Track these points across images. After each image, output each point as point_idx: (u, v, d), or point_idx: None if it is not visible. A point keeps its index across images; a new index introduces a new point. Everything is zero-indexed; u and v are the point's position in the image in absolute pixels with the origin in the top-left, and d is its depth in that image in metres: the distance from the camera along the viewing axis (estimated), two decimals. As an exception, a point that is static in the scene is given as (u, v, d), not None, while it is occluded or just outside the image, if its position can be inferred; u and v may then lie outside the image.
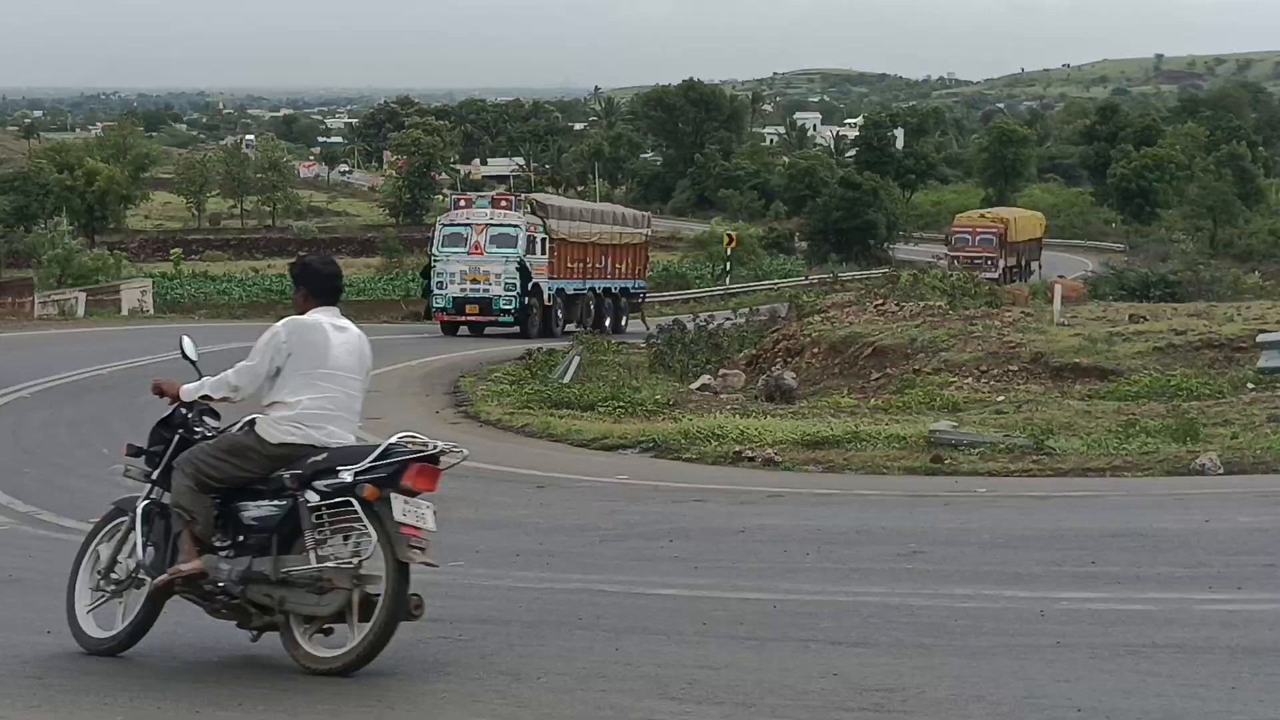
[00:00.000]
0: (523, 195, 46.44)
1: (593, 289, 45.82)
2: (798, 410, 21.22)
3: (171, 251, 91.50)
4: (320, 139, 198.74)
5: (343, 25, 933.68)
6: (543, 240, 42.44)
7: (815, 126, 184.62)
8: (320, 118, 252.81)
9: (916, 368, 23.63)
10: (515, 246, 41.44)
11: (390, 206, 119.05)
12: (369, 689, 7.66)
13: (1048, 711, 6.92)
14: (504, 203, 43.17)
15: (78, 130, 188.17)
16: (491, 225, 41.71)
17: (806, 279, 68.80)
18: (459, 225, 42.24)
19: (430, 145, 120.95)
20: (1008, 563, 10.42)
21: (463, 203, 44.13)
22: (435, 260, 42.24)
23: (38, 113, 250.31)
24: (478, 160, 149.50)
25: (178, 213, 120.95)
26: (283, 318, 8.61)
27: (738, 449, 17.37)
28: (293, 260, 9.28)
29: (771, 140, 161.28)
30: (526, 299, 41.46)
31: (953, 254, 69.15)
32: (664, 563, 11.21)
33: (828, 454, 16.95)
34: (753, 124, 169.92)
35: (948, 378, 22.71)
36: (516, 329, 41.12)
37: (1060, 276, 55.18)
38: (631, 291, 48.97)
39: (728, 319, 37.92)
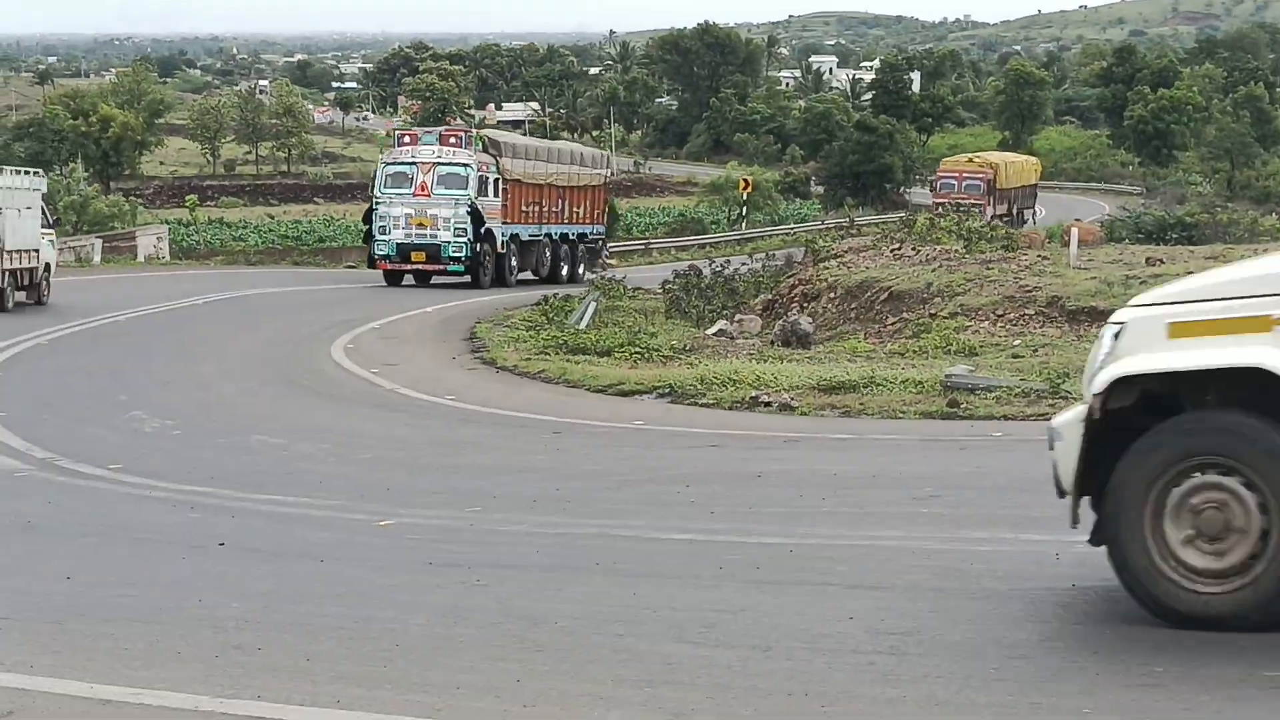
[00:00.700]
0: (473, 131, 42.47)
1: (549, 235, 42.24)
2: (814, 355, 21.20)
3: (187, 198, 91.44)
4: (335, 84, 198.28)
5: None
6: (495, 181, 38.77)
7: (831, 70, 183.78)
8: (334, 63, 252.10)
9: (932, 312, 23.58)
10: (466, 188, 37.69)
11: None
12: (386, 633, 7.70)
13: (1063, 655, 6.93)
14: (453, 139, 39.05)
15: (92, 76, 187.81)
16: (440, 164, 37.89)
17: (822, 223, 68.59)
18: (403, 164, 38.36)
19: (445, 90, 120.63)
20: (1023, 506, 10.42)
21: (407, 139, 39.82)
22: (378, 202, 38.39)
23: (52, 59, 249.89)
24: (492, 105, 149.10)
25: (193, 159, 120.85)
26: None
27: (754, 394, 17.36)
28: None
29: (787, 84, 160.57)
30: (479, 245, 37.90)
31: (937, 200, 64.54)
32: (680, 507, 11.23)
33: (844, 399, 16.94)
34: (768, 68, 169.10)
35: (963, 322, 22.66)
36: (467, 279, 37.88)
37: (1077, 220, 54.96)
38: (590, 238, 45.46)
39: (743, 264, 37.67)
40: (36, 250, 30.36)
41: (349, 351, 23.53)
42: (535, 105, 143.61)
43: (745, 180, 73.86)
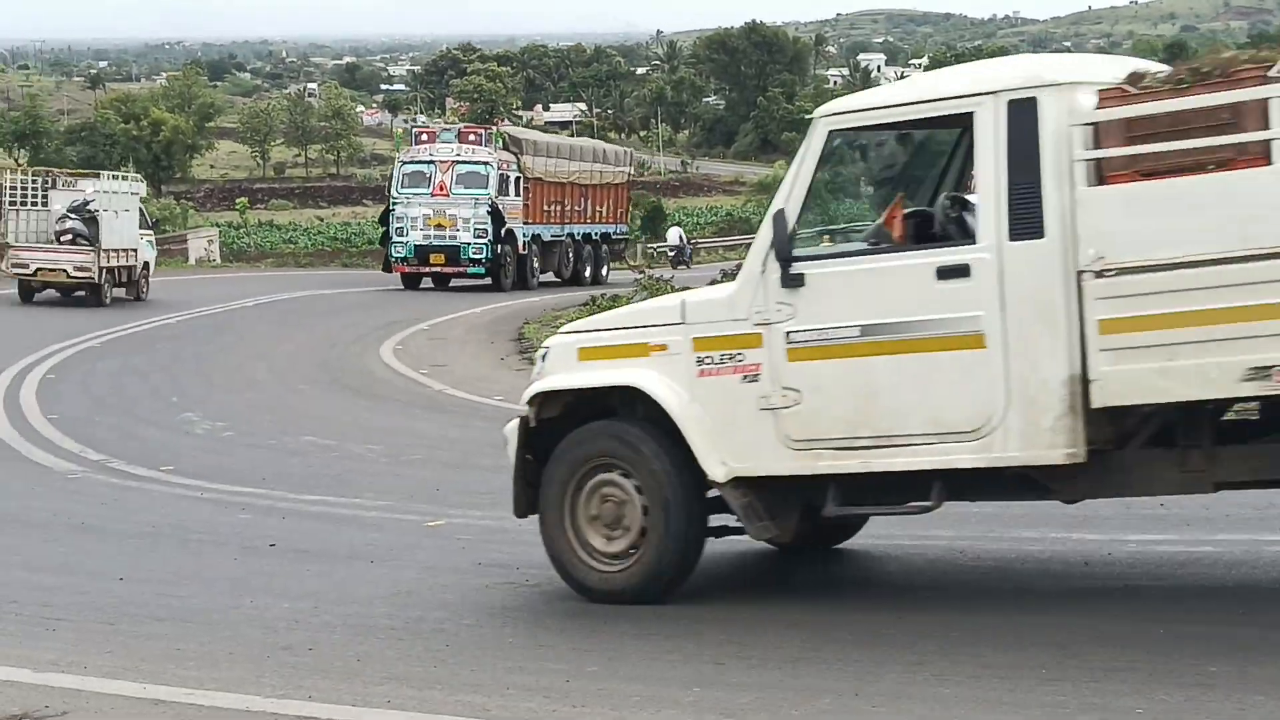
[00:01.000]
0: (493, 128, 41.12)
1: (571, 235, 41.14)
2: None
3: (237, 200, 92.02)
4: (383, 86, 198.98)
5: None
6: (516, 180, 37.83)
7: (879, 68, 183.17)
8: (383, 65, 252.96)
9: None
10: (486, 187, 36.69)
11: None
12: (435, 633, 7.72)
13: (1116, 655, 6.88)
14: (472, 136, 37.87)
15: (143, 81, 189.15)
16: (459, 162, 36.88)
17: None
18: (421, 162, 37.27)
19: (493, 92, 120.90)
20: (1075, 506, 10.35)
21: (425, 136, 38.76)
22: (395, 203, 37.30)
23: (103, 63, 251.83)
24: (540, 106, 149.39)
25: (242, 162, 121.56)
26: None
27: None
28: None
29: (835, 83, 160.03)
30: (500, 247, 36.72)
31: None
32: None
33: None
34: (816, 66, 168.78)
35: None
36: (488, 281, 36.84)
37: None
38: (613, 237, 44.44)
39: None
40: (134, 249, 32.97)
41: (398, 352, 23.62)
42: (582, 106, 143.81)
43: (793, 179, 73.54)
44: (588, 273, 41.30)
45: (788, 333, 7.62)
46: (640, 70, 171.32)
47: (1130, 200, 6.96)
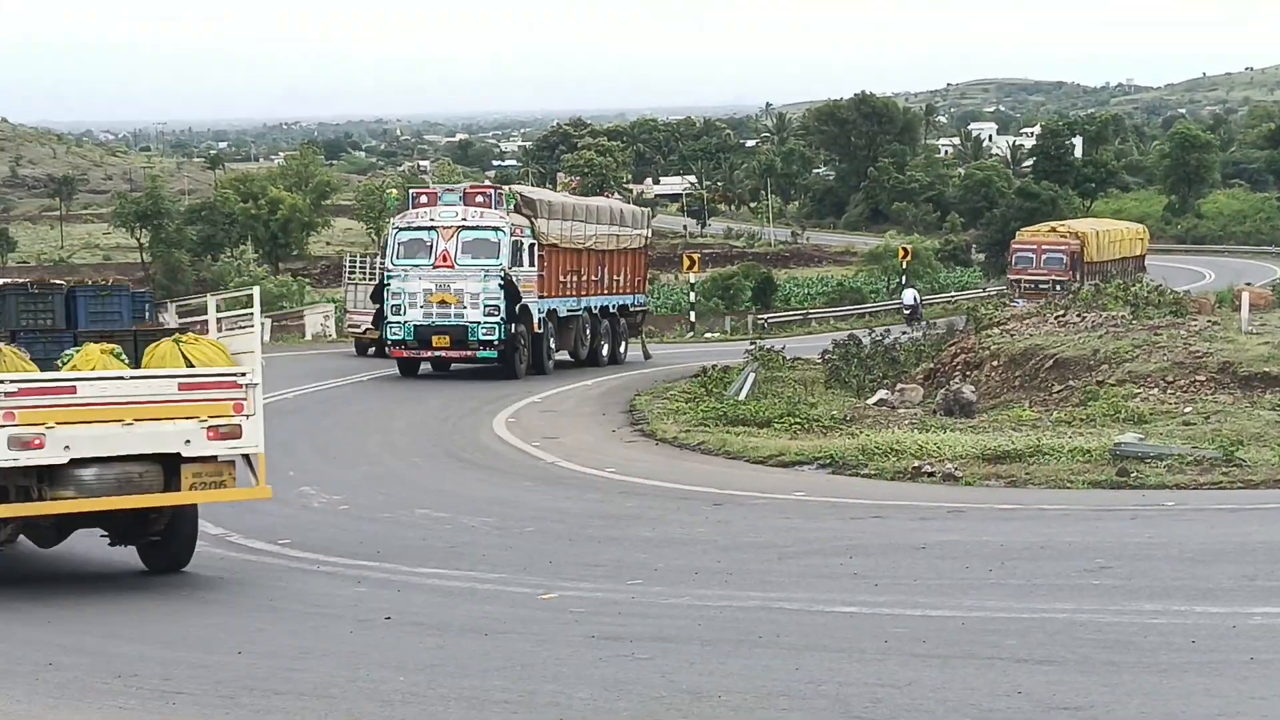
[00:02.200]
0: (504, 188, 34.69)
1: (588, 308, 35.46)
2: (977, 424, 20.94)
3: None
4: (495, 162, 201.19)
5: (516, 50, 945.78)
6: (531, 247, 32.25)
7: (991, 137, 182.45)
8: (494, 141, 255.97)
9: (1100, 379, 23.19)
10: (497, 256, 31.32)
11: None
12: (550, 706, 7.70)
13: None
14: (480, 198, 32.28)
15: (261, 160, 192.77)
16: (465, 228, 31.50)
17: (984, 291, 67.83)
18: (420, 229, 31.81)
19: (603, 166, 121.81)
20: (1198, 577, 10.17)
21: (424, 198, 32.73)
22: (390, 276, 31.92)
23: (222, 144, 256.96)
24: (650, 179, 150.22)
25: (358, 238, 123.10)
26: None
27: (916, 464, 17.18)
28: None
29: (946, 152, 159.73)
30: (514, 325, 31.41)
31: (1013, 278, 58.61)
32: (844, 579, 11.12)
33: (1009, 468, 16.70)
34: (926, 136, 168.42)
35: (1132, 389, 22.25)
36: (499, 365, 31.61)
37: (1247, 284, 53.81)
38: (631, 309, 38.27)
39: (904, 333, 37.33)
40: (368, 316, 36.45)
41: (510, 425, 23.73)
42: (692, 178, 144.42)
43: (904, 249, 73.48)
44: (605, 351, 36.09)
45: None
46: (749, 142, 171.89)
47: None
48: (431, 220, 31.72)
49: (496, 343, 31.13)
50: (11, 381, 10.95)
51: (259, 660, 9.18)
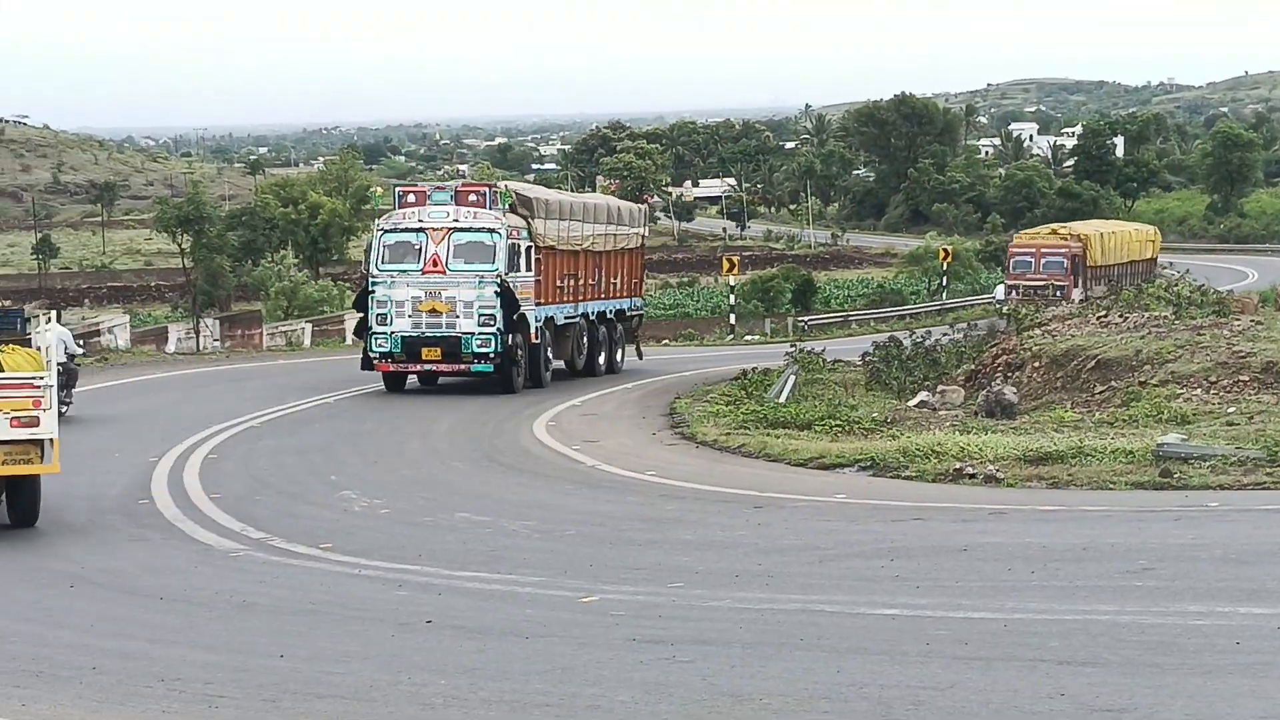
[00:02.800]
0: (500, 186, 32.06)
1: (585, 314, 32.82)
2: (1019, 426, 20.85)
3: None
4: (534, 166, 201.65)
5: (555, 54, 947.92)
6: (528, 250, 29.69)
7: (1031, 137, 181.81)
8: (534, 145, 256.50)
9: (1142, 380, 23.07)
10: (493, 261, 28.72)
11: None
12: (591, 709, 7.70)
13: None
14: (473, 196, 29.53)
15: (300, 165, 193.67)
16: (457, 230, 28.84)
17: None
18: (407, 230, 29.05)
19: (642, 169, 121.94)
20: (1242, 579, 10.10)
21: (412, 197, 29.73)
22: (374, 283, 29.14)
23: (263, 149, 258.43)
24: (689, 182, 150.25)
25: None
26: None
27: (958, 466, 17.12)
28: None
29: (986, 152, 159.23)
30: (511, 336, 28.86)
31: (1010, 283, 56.84)
32: (884, 582, 11.09)
33: (1051, 470, 16.63)
34: (967, 136, 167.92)
35: (1174, 389, 22.12)
36: (495, 377, 29.03)
37: (1291, 282, 53.36)
38: (628, 314, 35.65)
39: (945, 334, 37.14)
40: None
41: (550, 429, 23.75)
42: (731, 180, 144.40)
43: (945, 250, 73.26)
44: (602, 359, 33.54)
45: None
46: (789, 144, 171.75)
47: None
48: (420, 221, 29.11)
49: (493, 355, 28.75)
50: None
51: (301, 664, 9.21)
